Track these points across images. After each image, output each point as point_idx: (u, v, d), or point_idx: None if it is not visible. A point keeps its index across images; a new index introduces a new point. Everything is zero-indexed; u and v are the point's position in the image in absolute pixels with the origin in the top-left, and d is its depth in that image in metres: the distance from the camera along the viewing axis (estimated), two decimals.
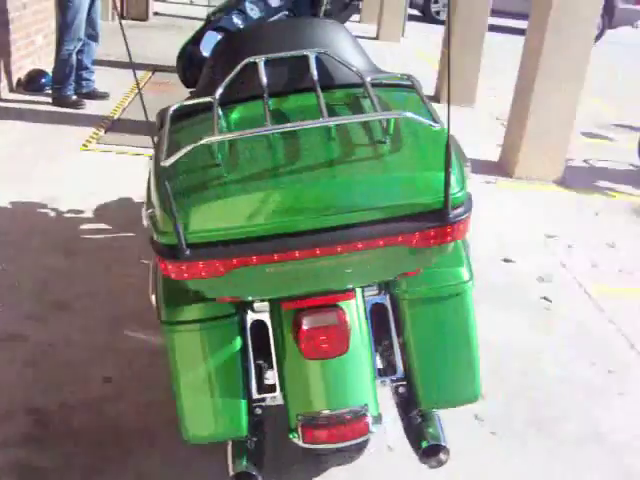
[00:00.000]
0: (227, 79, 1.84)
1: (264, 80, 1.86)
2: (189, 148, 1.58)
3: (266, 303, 1.83)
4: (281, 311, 1.80)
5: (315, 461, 2.28)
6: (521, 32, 6.86)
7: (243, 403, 1.83)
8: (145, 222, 1.67)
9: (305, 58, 1.91)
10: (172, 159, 1.58)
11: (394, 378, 1.95)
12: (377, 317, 1.91)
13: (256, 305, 1.84)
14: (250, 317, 1.85)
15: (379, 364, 1.99)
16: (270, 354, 1.86)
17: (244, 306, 1.83)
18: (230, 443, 1.87)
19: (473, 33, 6.78)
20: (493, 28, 8.81)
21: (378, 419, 1.81)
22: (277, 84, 1.89)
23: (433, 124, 1.65)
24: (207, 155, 1.65)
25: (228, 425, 1.83)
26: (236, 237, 1.54)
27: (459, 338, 1.89)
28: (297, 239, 1.54)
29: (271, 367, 1.87)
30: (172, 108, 1.84)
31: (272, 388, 1.89)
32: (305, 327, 1.72)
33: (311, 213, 1.55)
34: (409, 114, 1.65)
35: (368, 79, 1.87)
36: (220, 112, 1.80)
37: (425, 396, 1.90)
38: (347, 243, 1.56)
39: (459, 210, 1.60)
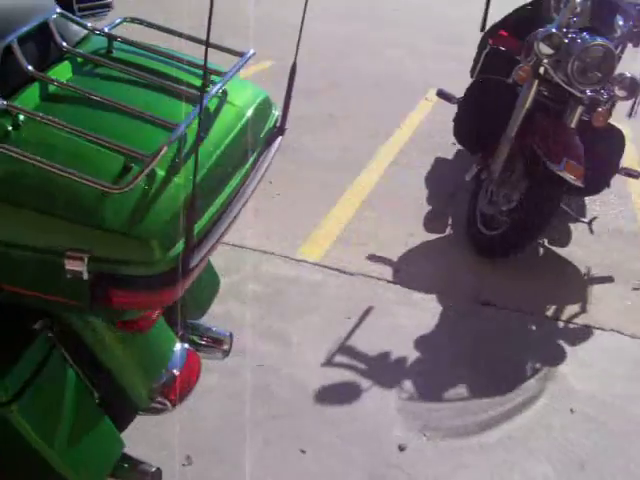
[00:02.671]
0: None
1: (24, 62, 1.51)
2: (151, 166, 1.34)
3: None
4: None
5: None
6: None
7: (108, 420, 1.73)
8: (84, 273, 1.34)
9: (46, 25, 1.62)
10: (133, 184, 1.32)
11: None
12: None
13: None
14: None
15: None
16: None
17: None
18: None
19: None
20: None
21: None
22: (37, 61, 1.56)
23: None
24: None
25: (112, 447, 1.74)
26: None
27: None
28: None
29: None
30: None
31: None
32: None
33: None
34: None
35: (106, 30, 1.73)
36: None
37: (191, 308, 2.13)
38: None
39: None
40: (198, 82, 1.68)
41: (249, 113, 1.70)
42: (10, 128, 1.41)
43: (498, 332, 3.12)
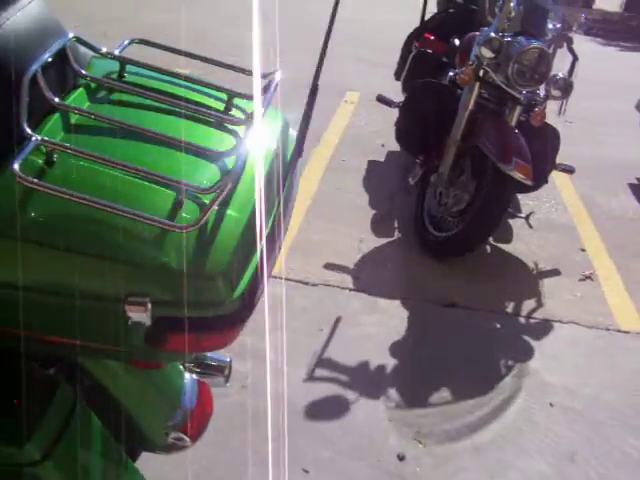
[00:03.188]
0: (23, 107, 1.32)
1: (48, 92, 1.40)
2: (218, 201, 1.26)
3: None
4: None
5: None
6: None
7: (133, 464, 1.68)
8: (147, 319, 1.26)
9: (64, 51, 1.50)
10: (202, 221, 1.24)
11: None
12: None
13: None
14: None
15: None
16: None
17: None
18: None
19: None
20: None
21: None
22: (56, 90, 1.45)
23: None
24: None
25: None
26: None
27: None
28: None
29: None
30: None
31: None
32: None
33: None
34: None
35: (116, 52, 1.63)
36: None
37: None
38: None
39: None
40: (221, 106, 1.62)
41: (277, 137, 1.65)
42: (44, 165, 1.31)
43: (466, 333, 3.19)
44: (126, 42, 1.69)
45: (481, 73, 3.54)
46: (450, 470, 2.46)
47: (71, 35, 1.54)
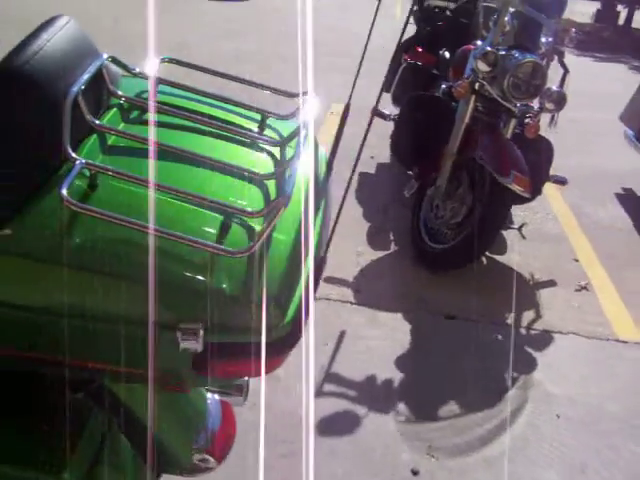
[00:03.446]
0: (65, 130, 1.30)
1: (88, 114, 1.39)
2: (272, 225, 1.26)
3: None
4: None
5: None
6: None
7: None
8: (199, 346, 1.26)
9: (99, 72, 1.49)
10: (256, 246, 1.23)
11: None
12: None
13: None
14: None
15: None
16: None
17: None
18: None
19: None
20: None
21: None
22: (93, 111, 1.44)
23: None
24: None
25: None
26: None
27: None
28: None
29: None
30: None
31: None
32: None
33: None
34: None
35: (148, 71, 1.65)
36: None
37: None
38: None
39: None
40: (254, 126, 1.62)
41: (312, 158, 1.66)
42: (88, 188, 1.29)
43: (469, 344, 3.21)
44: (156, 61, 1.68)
45: (477, 86, 3.57)
46: None
47: (106, 56, 1.53)
